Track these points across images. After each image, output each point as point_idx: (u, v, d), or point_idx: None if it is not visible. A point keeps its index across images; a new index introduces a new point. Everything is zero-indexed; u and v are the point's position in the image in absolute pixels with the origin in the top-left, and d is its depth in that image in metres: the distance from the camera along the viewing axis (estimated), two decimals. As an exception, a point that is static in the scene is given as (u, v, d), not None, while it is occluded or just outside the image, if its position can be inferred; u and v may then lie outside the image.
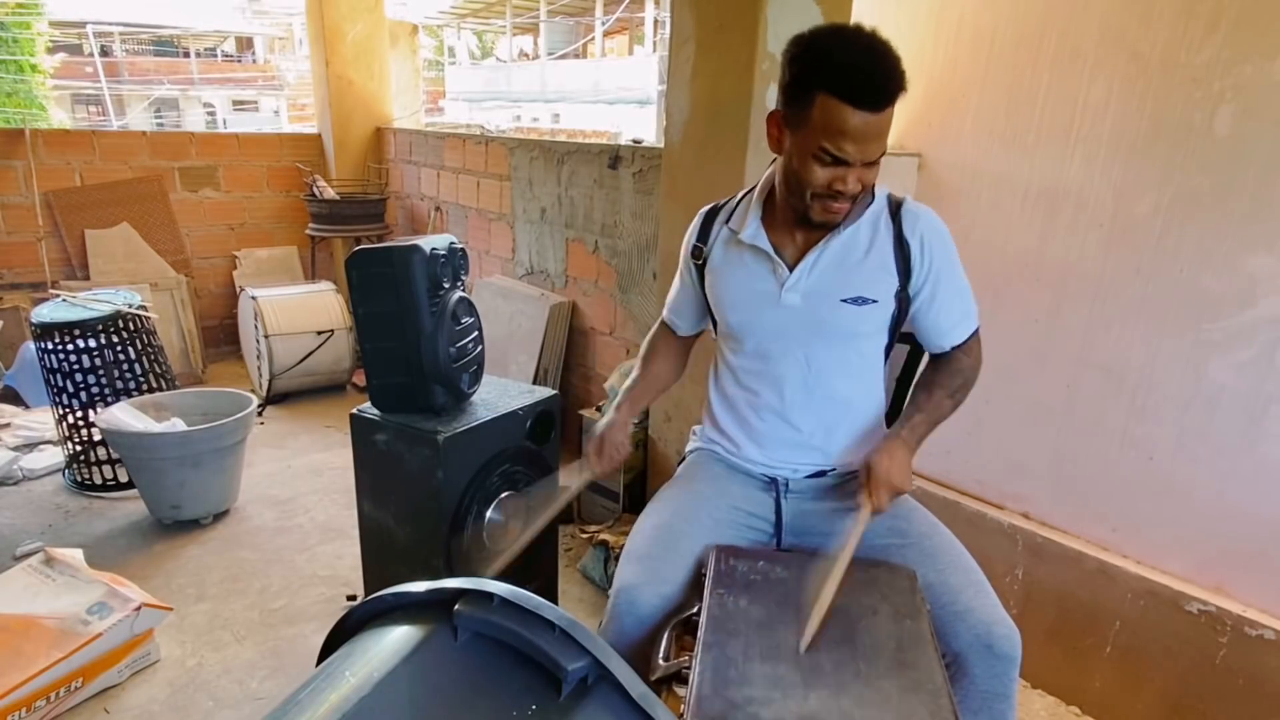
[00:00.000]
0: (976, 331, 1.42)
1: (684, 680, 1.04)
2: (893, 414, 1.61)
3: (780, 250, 1.37)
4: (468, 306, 1.95)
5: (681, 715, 0.96)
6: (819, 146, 1.19)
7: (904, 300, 1.36)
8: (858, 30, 1.21)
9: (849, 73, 1.14)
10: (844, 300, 1.33)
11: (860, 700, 0.97)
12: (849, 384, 1.40)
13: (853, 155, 1.19)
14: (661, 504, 1.41)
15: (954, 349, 1.41)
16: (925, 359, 1.50)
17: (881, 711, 0.96)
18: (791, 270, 1.35)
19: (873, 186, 1.31)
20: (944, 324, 1.39)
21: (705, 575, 1.22)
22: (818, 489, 1.44)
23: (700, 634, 1.08)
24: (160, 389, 3.04)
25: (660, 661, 1.12)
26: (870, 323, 1.36)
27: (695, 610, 1.17)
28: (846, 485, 1.45)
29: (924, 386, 1.42)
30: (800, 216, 1.31)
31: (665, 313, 1.62)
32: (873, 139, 1.19)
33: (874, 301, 1.33)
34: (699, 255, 1.47)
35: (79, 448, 2.94)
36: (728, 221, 1.44)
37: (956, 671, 1.17)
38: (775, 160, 1.35)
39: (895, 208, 1.36)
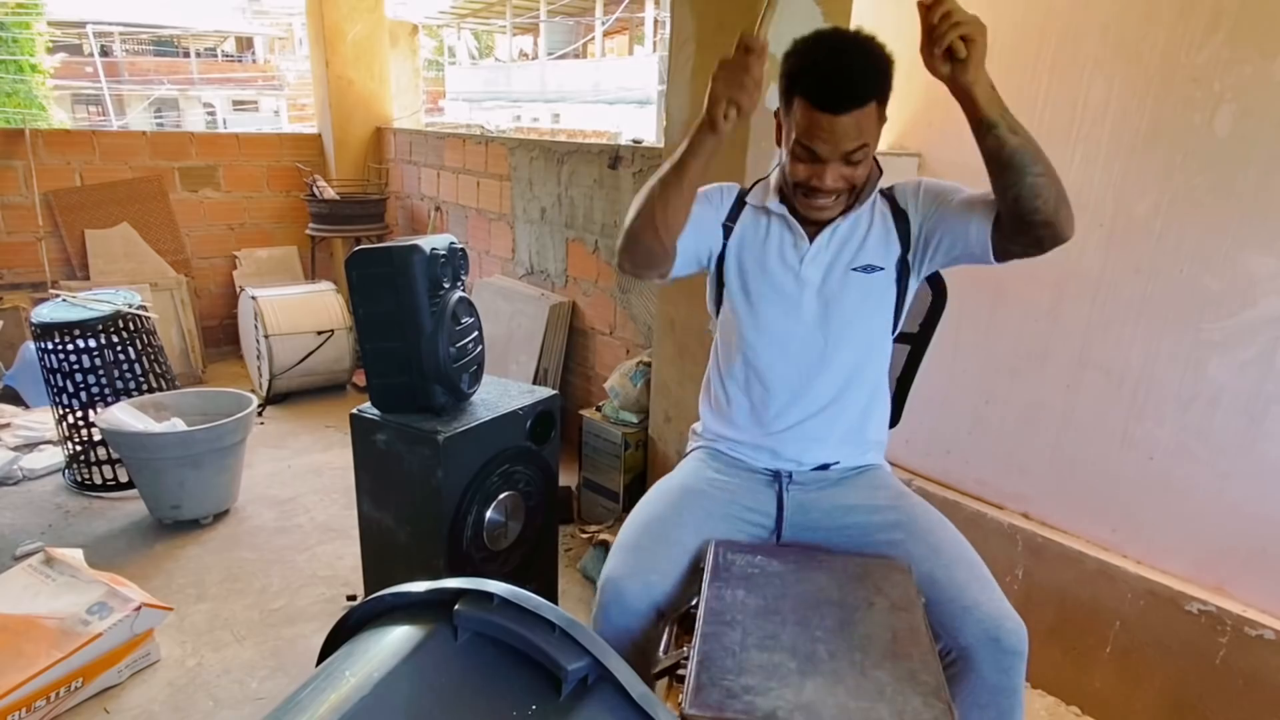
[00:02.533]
0: None
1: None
2: (893, 414, 1.61)
3: (802, 222, 1.40)
4: (468, 306, 1.95)
5: (680, 705, 0.96)
6: (797, 143, 1.28)
7: (903, 267, 1.40)
8: (840, 36, 1.28)
9: (814, 77, 1.23)
10: (854, 269, 1.38)
11: (856, 690, 0.98)
12: (861, 356, 1.42)
13: (824, 152, 1.26)
14: (654, 497, 1.42)
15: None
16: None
17: (876, 702, 0.97)
18: (810, 244, 1.40)
19: (865, 181, 1.35)
20: (974, 194, 1.32)
21: (704, 569, 1.23)
22: (821, 483, 1.44)
23: (698, 625, 1.10)
24: (160, 389, 3.04)
25: (660, 655, 1.13)
26: (878, 289, 1.40)
27: (694, 604, 1.18)
28: (849, 480, 1.45)
29: (996, 223, 1.29)
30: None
31: None
32: (842, 138, 1.24)
33: (880, 269, 1.39)
34: (727, 234, 1.47)
35: (79, 448, 2.94)
36: (748, 198, 1.47)
37: (963, 666, 1.17)
38: None
39: (887, 193, 1.43)
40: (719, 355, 1.52)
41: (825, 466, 1.45)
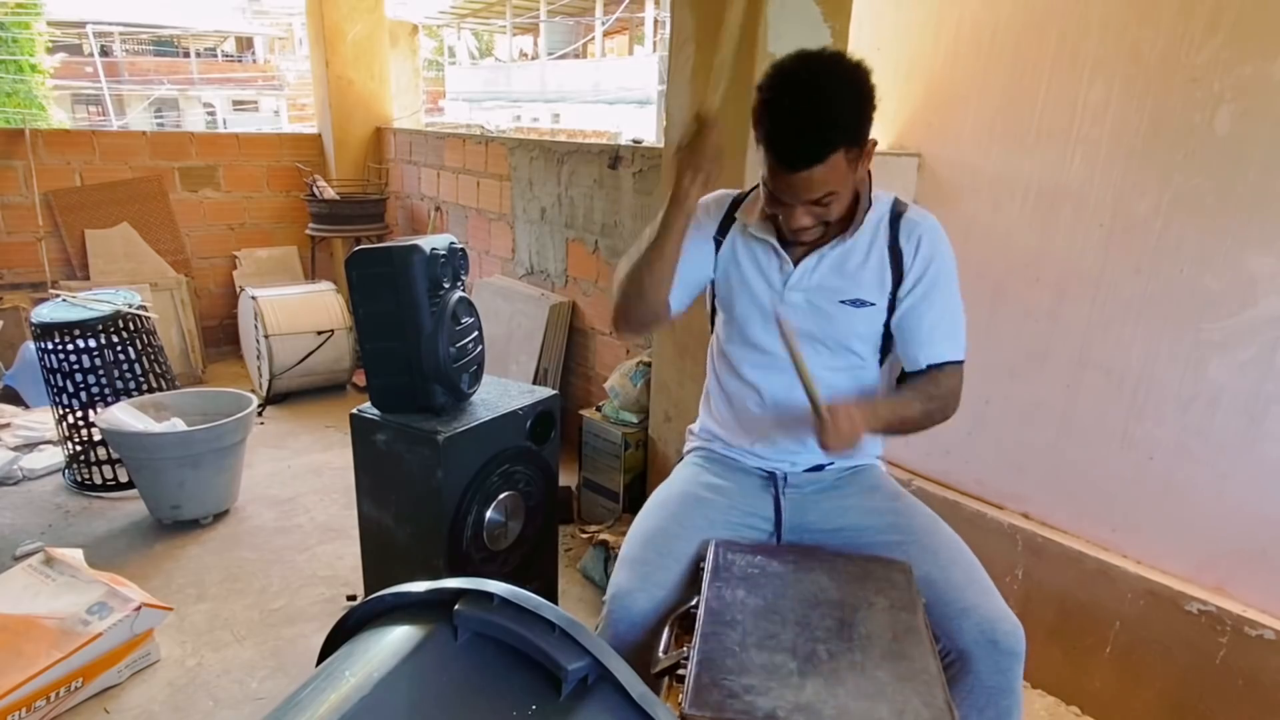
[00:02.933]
0: (959, 365, 1.36)
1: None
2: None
3: (787, 246, 1.37)
4: (468, 306, 1.95)
5: (680, 704, 0.96)
6: (765, 181, 1.27)
7: (894, 306, 1.37)
8: (803, 86, 1.18)
9: (773, 135, 1.20)
10: (843, 302, 1.35)
11: (856, 690, 0.98)
12: (848, 385, 1.40)
13: (788, 200, 1.25)
14: (655, 507, 1.41)
15: (930, 368, 1.35)
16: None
17: (876, 701, 0.97)
18: (795, 267, 1.37)
19: (849, 212, 1.32)
20: (923, 335, 1.34)
21: (704, 569, 1.23)
22: (817, 483, 1.44)
23: (698, 625, 1.10)
24: (160, 389, 3.04)
25: (660, 655, 1.13)
26: (867, 325, 1.37)
27: (694, 604, 1.18)
28: (845, 481, 1.45)
29: (897, 387, 1.41)
30: None
31: None
32: (803, 191, 1.23)
33: (871, 304, 1.35)
34: (718, 247, 1.45)
35: (79, 448, 2.94)
36: (738, 213, 1.44)
37: (961, 668, 1.17)
38: None
39: (896, 216, 1.36)
40: (714, 363, 1.52)
41: (819, 468, 1.45)
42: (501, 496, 1.94)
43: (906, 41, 2.26)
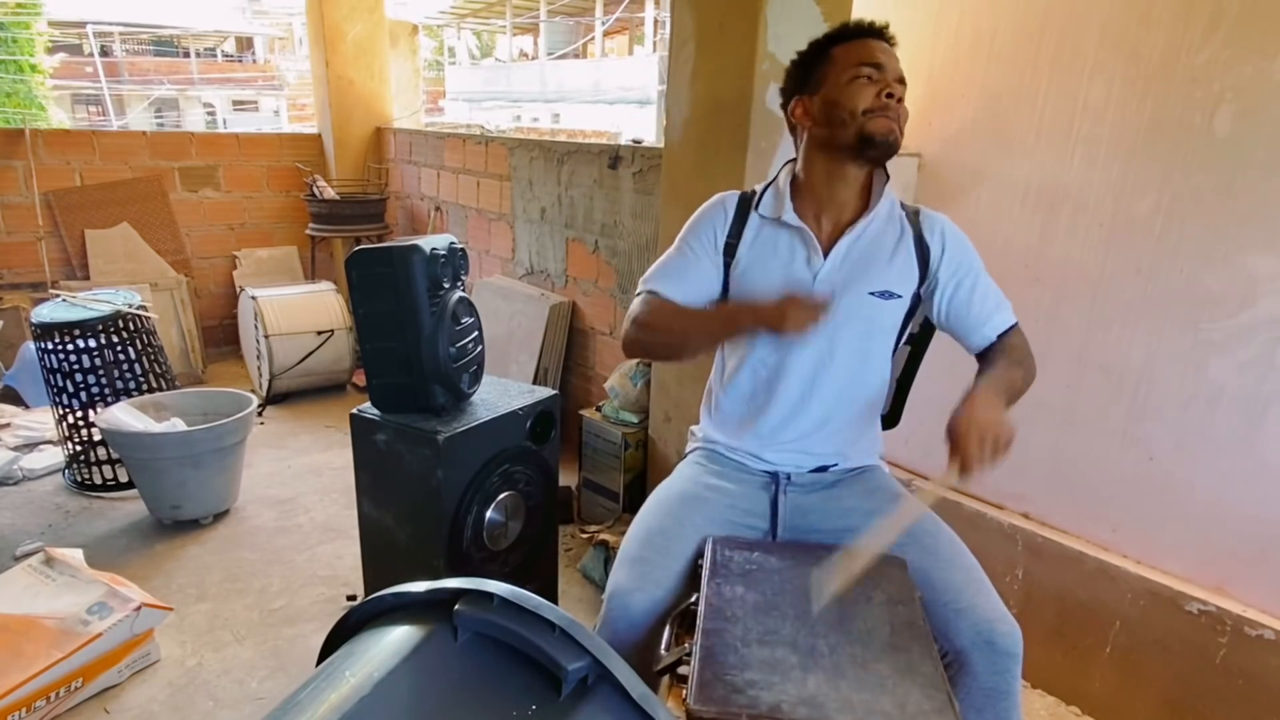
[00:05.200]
0: (1017, 326, 1.42)
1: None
2: (893, 415, 1.61)
3: (818, 235, 1.39)
4: (468, 306, 1.95)
5: (684, 700, 0.97)
6: (853, 70, 1.31)
7: (917, 299, 1.41)
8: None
9: (849, 25, 1.36)
10: (871, 293, 1.37)
11: (857, 683, 0.99)
12: (861, 377, 1.42)
13: (883, 60, 1.31)
14: (654, 506, 1.41)
15: (999, 337, 1.40)
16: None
17: (878, 694, 0.97)
18: (824, 259, 1.38)
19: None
20: (983, 312, 1.39)
21: (702, 566, 1.24)
22: (818, 485, 1.44)
23: (699, 622, 1.10)
24: (160, 389, 3.04)
25: (662, 653, 1.13)
26: (891, 317, 1.40)
27: (694, 601, 1.19)
28: (846, 482, 1.45)
29: (986, 363, 1.38)
30: (855, 151, 1.33)
31: (661, 288, 1.43)
32: (891, 59, 1.32)
33: (898, 296, 1.38)
34: (731, 251, 1.44)
35: (79, 448, 2.94)
36: (757, 208, 1.44)
37: (959, 669, 1.17)
38: (792, 160, 1.41)
39: (913, 214, 1.42)
40: (723, 364, 1.51)
41: (823, 469, 1.45)
42: (501, 496, 1.94)
43: (906, 41, 2.25)
